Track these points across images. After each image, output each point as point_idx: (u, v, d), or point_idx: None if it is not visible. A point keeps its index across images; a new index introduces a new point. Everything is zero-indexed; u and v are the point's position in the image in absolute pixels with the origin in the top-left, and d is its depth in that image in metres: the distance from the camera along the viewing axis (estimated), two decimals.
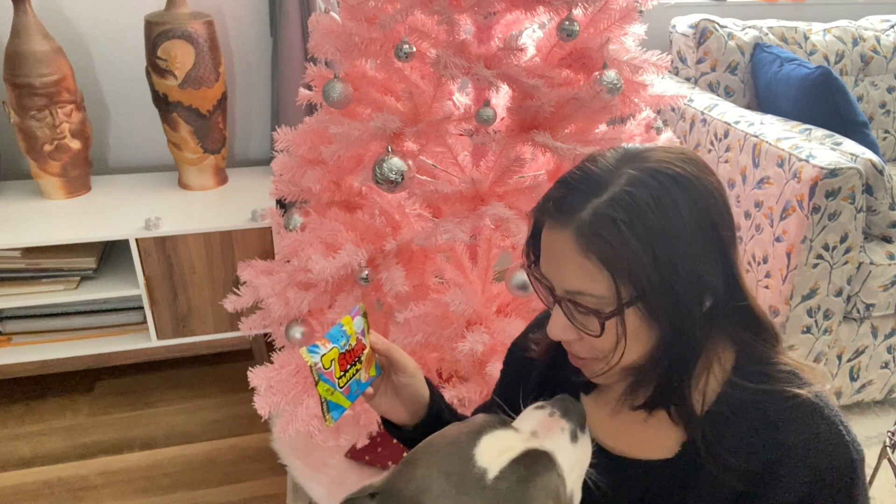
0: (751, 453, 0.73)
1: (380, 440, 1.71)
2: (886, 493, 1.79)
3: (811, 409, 0.73)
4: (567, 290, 0.71)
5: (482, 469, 0.63)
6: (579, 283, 0.70)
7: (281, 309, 1.43)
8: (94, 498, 1.78)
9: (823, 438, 0.71)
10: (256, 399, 1.45)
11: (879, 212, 1.87)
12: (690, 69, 2.43)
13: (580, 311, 0.72)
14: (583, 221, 0.68)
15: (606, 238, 0.67)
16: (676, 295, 0.69)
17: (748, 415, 0.74)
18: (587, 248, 0.68)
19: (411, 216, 1.47)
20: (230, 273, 2.00)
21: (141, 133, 2.27)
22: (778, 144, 1.86)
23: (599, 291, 0.69)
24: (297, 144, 1.51)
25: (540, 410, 0.73)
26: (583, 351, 0.77)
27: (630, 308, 0.69)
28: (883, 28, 2.55)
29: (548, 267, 0.74)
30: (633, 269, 0.67)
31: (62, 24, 2.07)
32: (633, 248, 0.67)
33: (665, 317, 0.70)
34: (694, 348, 0.73)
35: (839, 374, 2.02)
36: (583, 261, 0.69)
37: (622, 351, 0.72)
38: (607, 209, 0.67)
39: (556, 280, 0.73)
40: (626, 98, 1.41)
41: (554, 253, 0.72)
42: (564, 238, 0.69)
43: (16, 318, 2.01)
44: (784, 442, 0.72)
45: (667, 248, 0.68)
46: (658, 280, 0.68)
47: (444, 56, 1.24)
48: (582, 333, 0.73)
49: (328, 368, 0.75)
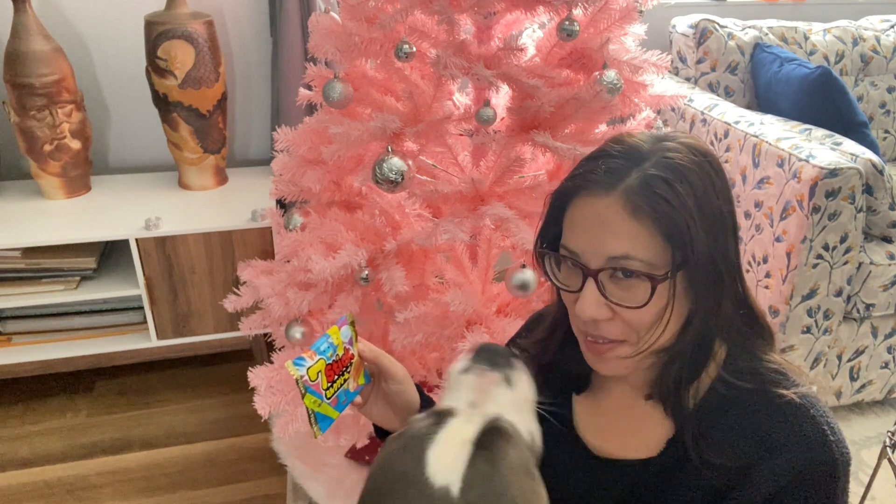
0: (734, 451, 0.73)
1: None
2: (886, 493, 1.79)
3: (797, 408, 0.73)
4: (612, 257, 0.69)
5: (444, 488, 0.58)
6: (628, 246, 0.68)
7: (281, 309, 1.43)
8: (94, 498, 1.78)
9: (805, 436, 0.71)
10: (256, 399, 1.45)
11: (879, 212, 1.87)
12: (690, 69, 2.43)
13: (622, 282, 0.70)
14: (631, 187, 0.68)
15: (662, 195, 0.67)
16: (715, 262, 0.70)
17: (733, 412, 0.74)
18: (639, 211, 0.68)
19: (411, 216, 1.47)
20: (230, 273, 2.00)
21: (141, 133, 2.27)
22: (778, 144, 1.86)
23: (648, 256, 0.68)
24: (297, 144, 1.51)
25: (467, 374, 0.72)
26: (614, 332, 0.73)
27: (679, 273, 0.69)
28: (883, 28, 2.55)
29: (584, 239, 0.71)
30: (686, 231, 0.68)
31: (62, 24, 2.07)
32: (689, 207, 0.68)
33: (702, 284, 0.70)
34: (716, 328, 0.73)
35: (839, 374, 2.02)
36: (633, 225, 0.68)
37: (665, 323, 0.71)
38: (657, 172, 0.68)
39: (595, 249, 0.70)
40: (626, 98, 1.41)
41: (596, 221, 0.70)
42: (610, 203, 0.69)
43: (16, 318, 2.01)
44: (767, 441, 0.72)
45: (710, 213, 0.69)
46: (705, 245, 0.69)
47: (444, 56, 1.24)
48: (621, 308, 0.71)
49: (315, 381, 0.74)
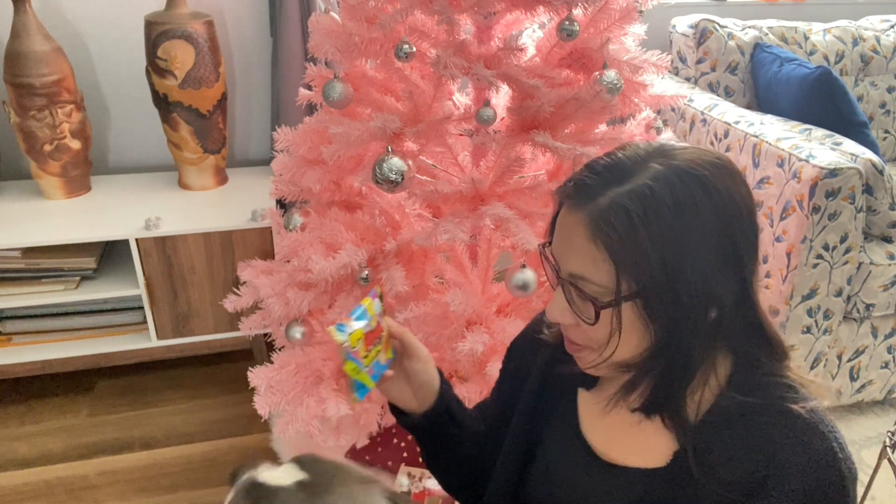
0: (742, 466, 0.72)
1: (380, 440, 1.71)
2: (887, 493, 1.79)
3: (804, 423, 0.71)
4: (570, 273, 0.71)
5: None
6: (582, 267, 0.70)
7: (281, 309, 1.43)
8: (94, 498, 1.77)
9: (816, 456, 0.70)
10: (256, 399, 1.45)
11: (879, 212, 1.87)
12: (690, 69, 2.43)
13: (579, 297, 0.72)
14: (598, 207, 0.68)
15: (616, 227, 0.66)
16: (679, 301, 0.68)
17: (740, 427, 0.73)
18: (596, 235, 0.68)
19: (411, 216, 1.47)
20: (230, 273, 2.00)
21: (141, 133, 2.27)
22: (778, 144, 1.86)
23: (601, 280, 0.69)
24: (297, 144, 1.51)
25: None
26: (577, 338, 0.76)
27: (628, 303, 0.69)
28: (883, 28, 2.54)
29: (557, 247, 0.74)
30: (638, 265, 0.67)
31: (62, 24, 2.07)
32: (642, 244, 0.66)
33: (664, 320, 0.69)
34: (692, 357, 0.71)
35: (839, 374, 2.02)
36: (590, 246, 0.68)
37: (615, 345, 0.71)
38: (624, 199, 0.66)
39: (562, 261, 0.73)
40: (626, 98, 1.41)
41: (565, 234, 0.72)
42: (577, 221, 0.69)
43: (16, 318, 2.01)
44: (775, 456, 0.71)
45: (678, 251, 0.66)
46: (662, 281, 0.67)
47: (444, 56, 1.24)
48: (578, 319, 0.73)
49: (355, 347, 0.75)
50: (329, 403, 1.41)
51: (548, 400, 0.90)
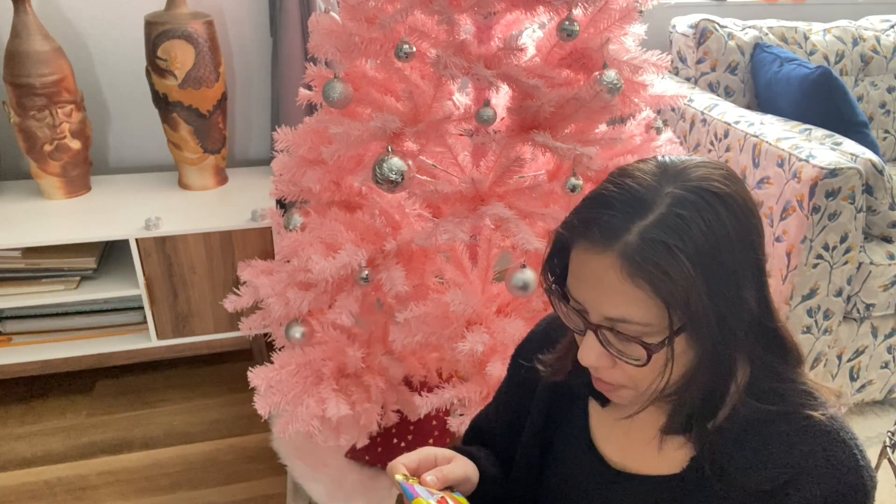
0: (761, 473, 0.71)
1: (380, 440, 1.71)
2: (887, 493, 1.79)
3: (825, 431, 0.70)
4: (608, 318, 0.67)
5: None
6: (622, 310, 0.65)
7: (281, 309, 1.43)
8: (94, 498, 1.78)
9: (837, 462, 0.69)
10: (256, 399, 1.45)
11: (879, 212, 1.87)
12: (690, 69, 2.43)
13: (620, 339, 0.67)
14: (630, 246, 0.63)
15: (660, 265, 0.62)
16: (723, 318, 0.65)
17: (759, 434, 0.72)
18: (635, 274, 0.63)
19: (411, 216, 1.47)
20: (230, 273, 2.00)
21: (141, 133, 2.27)
22: (778, 144, 1.86)
23: (644, 318, 0.65)
24: (297, 144, 1.51)
25: None
26: (613, 378, 0.72)
27: (679, 336, 0.66)
28: (883, 28, 2.55)
29: (583, 291, 0.68)
30: (689, 296, 0.63)
31: (62, 24, 2.07)
32: (689, 274, 0.62)
33: (709, 340, 0.66)
34: (734, 371, 0.70)
35: (839, 374, 2.02)
36: (630, 288, 0.64)
37: (666, 379, 0.68)
38: (657, 233, 0.63)
39: (593, 306, 0.68)
40: (626, 98, 1.41)
41: (593, 278, 0.66)
42: (608, 263, 0.64)
43: (16, 318, 2.01)
44: (796, 463, 0.70)
45: (717, 270, 0.64)
46: (710, 305, 0.64)
47: (444, 56, 1.24)
48: (621, 361, 0.69)
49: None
50: (329, 403, 1.41)
51: (559, 408, 0.88)
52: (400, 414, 1.63)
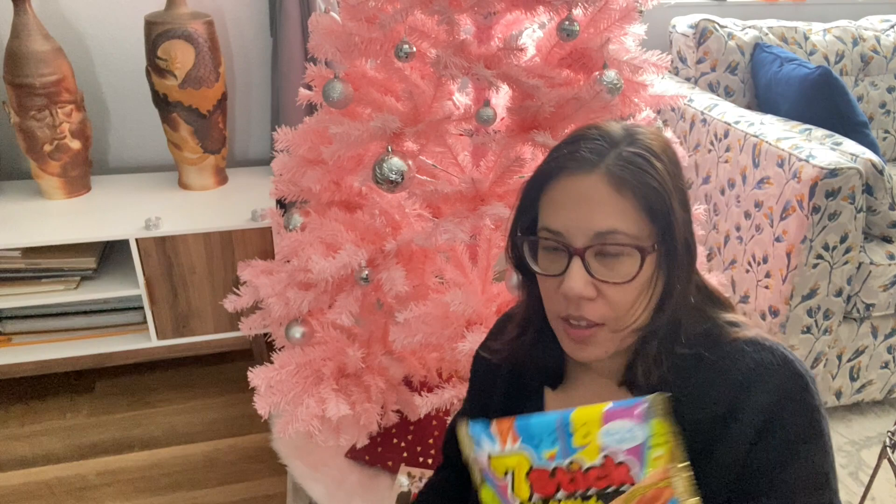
0: (709, 401, 0.75)
1: (380, 440, 1.71)
2: (886, 493, 1.79)
3: (752, 343, 0.76)
4: (599, 233, 0.72)
5: None
6: (613, 221, 0.71)
7: (281, 309, 1.43)
8: (94, 498, 1.78)
9: (769, 365, 0.74)
10: (256, 399, 1.45)
11: (879, 212, 1.87)
12: (690, 69, 2.43)
13: (606, 260, 0.73)
14: (613, 164, 0.72)
15: (645, 170, 0.71)
16: (687, 241, 0.75)
17: (701, 369, 0.76)
18: (622, 186, 0.71)
19: (411, 216, 1.47)
20: (230, 273, 2.00)
21: (141, 133, 2.27)
22: (778, 144, 1.86)
23: (633, 230, 0.72)
24: (297, 144, 1.51)
25: None
26: (595, 312, 0.74)
27: (651, 254, 0.72)
28: (883, 28, 2.55)
29: (571, 214, 0.73)
30: (669, 203, 0.72)
31: (62, 24, 2.07)
32: (666, 182, 0.72)
33: (676, 263, 0.74)
34: (687, 309, 0.77)
35: (839, 374, 2.02)
36: (618, 199, 0.71)
37: (649, 296, 0.74)
38: (634, 154, 0.72)
39: (582, 227, 0.72)
40: (626, 98, 1.41)
41: (581, 198, 0.72)
42: (594, 180, 0.72)
43: (16, 318, 2.01)
44: (735, 380, 0.74)
45: (681, 191, 0.75)
46: (680, 220, 0.73)
47: (444, 56, 1.24)
48: (606, 285, 0.73)
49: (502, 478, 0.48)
50: (329, 403, 1.41)
51: (516, 403, 0.91)
52: (400, 414, 1.63)
